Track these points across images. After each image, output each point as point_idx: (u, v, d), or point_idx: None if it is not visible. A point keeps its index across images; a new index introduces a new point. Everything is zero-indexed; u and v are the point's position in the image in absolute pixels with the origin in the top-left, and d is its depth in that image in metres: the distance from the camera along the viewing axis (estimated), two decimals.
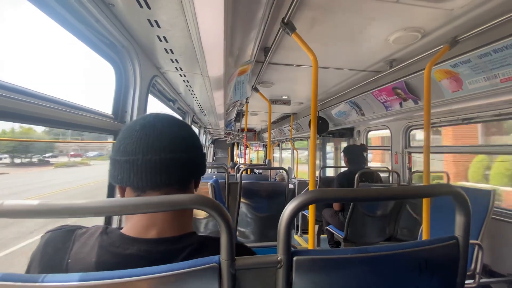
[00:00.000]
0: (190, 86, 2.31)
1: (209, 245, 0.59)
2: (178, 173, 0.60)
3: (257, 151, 12.45)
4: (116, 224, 1.35)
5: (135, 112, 1.47)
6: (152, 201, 0.45)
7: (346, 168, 2.97)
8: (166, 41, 1.34)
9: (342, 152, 3.08)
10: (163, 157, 0.58)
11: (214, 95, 2.56)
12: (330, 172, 5.51)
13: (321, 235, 3.66)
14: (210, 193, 1.64)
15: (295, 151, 6.58)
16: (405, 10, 1.51)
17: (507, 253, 2.09)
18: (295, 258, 0.52)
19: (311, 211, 1.59)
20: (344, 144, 5.03)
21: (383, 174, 3.43)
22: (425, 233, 1.69)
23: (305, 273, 0.52)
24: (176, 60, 1.62)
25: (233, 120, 6.26)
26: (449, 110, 2.36)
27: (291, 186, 3.41)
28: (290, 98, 4.13)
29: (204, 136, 6.21)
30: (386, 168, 3.44)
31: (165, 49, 1.45)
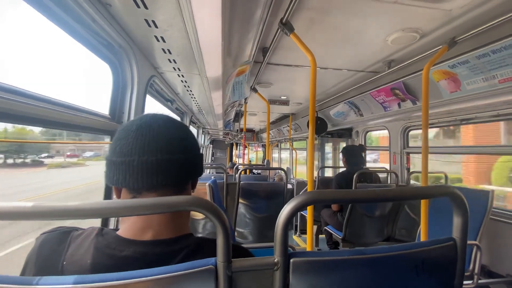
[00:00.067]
0: (188, 87, 2.30)
1: (206, 247, 0.59)
2: (175, 174, 0.59)
3: (256, 151, 12.42)
4: (113, 225, 1.34)
5: (132, 113, 1.47)
6: (147, 203, 0.44)
7: (345, 169, 2.98)
8: (164, 41, 1.33)
9: (341, 153, 3.08)
10: (159, 158, 0.57)
11: (212, 95, 2.56)
12: (329, 173, 5.50)
13: (320, 235, 3.66)
14: (208, 193, 1.63)
15: (293, 151, 6.58)
16: (403, 10, 1.51)
17: (506, 254, 2.10)
18: (292, 260, 0.52)
19: (309, 212, 1.59)
20: (342, 144, 5.04)
21: (381, 175, 3.44)
22: (423, 233, 1.69)
23: (302, 275, 0.52)
24: (174, 60, 1.62)
25: (231, 120, 6.26)
26: (447, 111, 2.36)
27: (289, 186, 3.42)
28: (288, 98, 4.13)
29: (203, 136, 6.20)
30: (384, 169, 3.44)
31: (162, 49, 1.45)
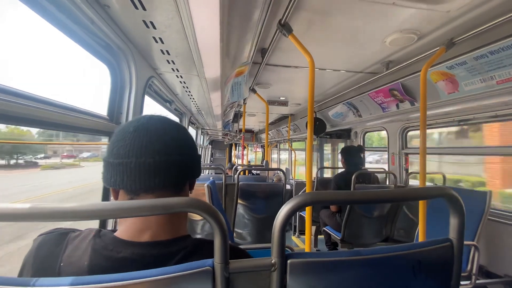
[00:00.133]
0: (187, 87, 2.30)
1: (204, 248, 0.59)
2: (172, 175, 0.60)
3: (255, 152, 12.37)
4: (111, 226, 1.34)
5: (130, 113, 1.46)
6: (145, 205, 0.44)
7: (344, 169, 2.98)
8: (162, 42, 1.33)
9: (340, 153, 3.08)
10: (157, 160, 0.57)
11: (211, 96, 2.56)
12: (328, 173, 5.51)
13: (319, 236, 3.66)
14: (206, 194, 1.63)
15: (292, 152, 6.58)
16: (401, 12, 1.51)
17: (504, 254, 2.10)
18: (289, 261, 0.52)
19: (307, 212, 1.59)
20: (341, 145, 5.04)
21: (380, 175, 3.45)
22: (421, 234, 1.70)
23: (299, 276, 0.52)
24: (172, 61, 1.62)
25: (230, 121, 6.26)
26: (445, 112, 2.37)
27: (288, 187, 3.41)
28: (287, 99, 4.13)
29: (202, 137, 6.20)
30: (383, 169, 3.45)
31: (161, 50, 1.45)
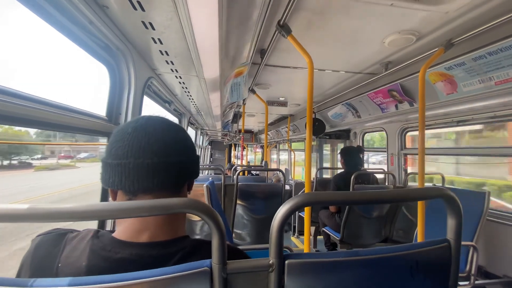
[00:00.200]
0: (186, 88, 2.30)
1: (202, 249, 0.59)
2: (170, 176, 0.60)
3: (254, 153, 12.33)
4: (110, 227, 1.34)
5: (129, 114, 1.46)
6: (143, 205, 0.44)
7: (343, 170, 2.98)
8: (161, 43, 1.33)
9: (339, 154, 3.09)
10: (155, 161, 0.57)
11: (210, 96, 2.56)
12: (328, 174, 5.51)
13: (318, 237, 3.66)
14: (205, 195, 1.63)
15: (292, 152, 6.58)
16: (400, 13, 1.51)
17: (502, 255, 2.10)
18: (287, 262, 0.52)
19: (306, 213, 1.59)
20: (340, 145, 5.05)
21: (379, 176, 3.45)
22: (420, 235, 1.70)
23: (297, 276, 0.52)
24: (171, 61, 1.62)
25: (230, 121, 6.25)
26: (444, 112, 2.37)
27: (287, 187, 3.41)
28: (287, 99, 4.13)
29: (201, 137, 6.20)
30: (382, 170, 3.45)
31: (160, 51, 1.45)
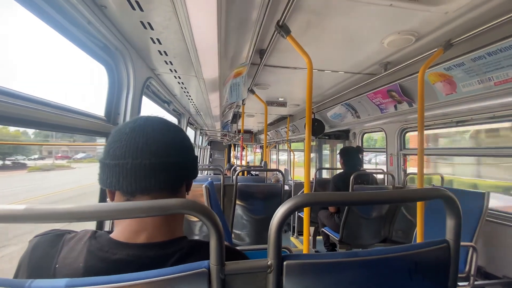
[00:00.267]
0: (185, 88, 2.30)
1: (200, 249, 0.59)
2: (169, 177, 0.59)
3: (254, 153, 12.31)
4: (109, 227, 1.33)
5: (128, 114, 1.46)
6: (140, 206, 0.44)
7: (342, 170, 2.98)
8: (160, 43, 1.33)
9: (338, 154, 3.09)
10: (153, 161, 0.57)
11: (209, 97, 2.56)
12: (327, 174, 5.51)
13: (317, 237, 3.66)
14: (204, 195, 1.63)
15: (291, 152, 6.58)
16: (399, 13, 1.51)
17: (502, 255, 2.10)
18: (285, 263, 0.52)
19: (305, 213, 1.58)
20: (340, 146, 5.05)
21: (378, 176, 3.45)
22: (419, 235, 1.70)
23: (295, 277, 0.52)
24: (170, 62, 1.61)
25: (229, 121, 6.26)
26: (443, 113, 2.37)
27: (287, 187, 3.41)
28: (286, 100, 4.13)
29: (201, 137, 6.20)
30: (381, 170, 3.45)
31: (159, 51, 1.45)
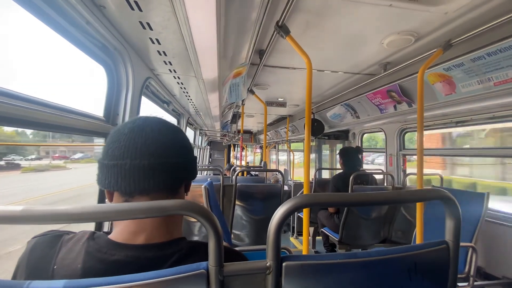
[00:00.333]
0: (184, 88, 2.30)
1: (199, 250, 0.58)
2: (167, 178, 0.59)
3: (254, 153, 12.28)
4: (108, 228, 1.33)
5: (127, 114, 1.46)
6: (139, 207, 0.44)
7: (342, 170, 2.98)
8: (159, 43, 1.33)
9: (338, 154, 3.08)
10: (152, 162, 0.57)
11: (209, 97, 2.56)
12: (327, 174, 5.50)
13: (317, 237, 3.66)
14: (203, 196, 1.62)
15: (291, 153, 6.58)
16: (398, 13, 1.51)
17: (502, 256, 2.10)
18: (284, 264, 0.51)
19: (305, 214, 1.58)
20: (339, 146, 5.05)
21: (378, 176, 3.45)
22: (418, 236, 1.69)
23: (294, 278, 0.52)
24: (169, 62, 1.61)
25: (229, 121, 6.26)
26: (442, 113, 2.37)
27: (286, 188, 3.41)
28: (285, 100, 4.13)
29: (200, 137, 6.19)
30: (380, 171, 3.45)
31: (158, 51, 1.44)
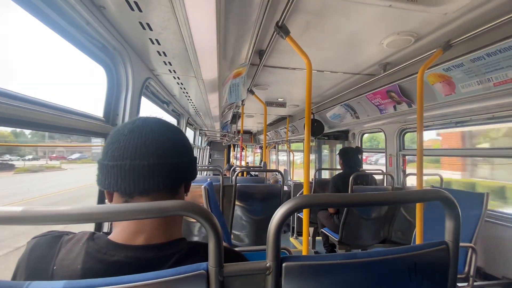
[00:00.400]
0: (184, 89, 2.30)
1: (199, 251, 0.58)
2: (167, 178, 0.59)
3: (254, 153, 12.27)
4: (107, 228, 1.33)
5: (127, 115, 1.46)
6: (139, 208, 0.44)
7: (342, 170, 2.98)
8: (159, 43, 1.33)
9: (338, 155, 3.08)
10: (151, 162, 0.57)
11: (209, 97, 2.56)
12: (326, 174, 5.50)
13: (317, 238, 3.65)
14: (203, 196, 1.62)
15: (291, 153, 6.58)
16: (398, 14, 1.51)
17: (502, 256, 2.10)
18: (284, 264, 0.51)
19: (305, 214, 1.58)
20: (339, 146, 5.05)
21: (378, 176, 3.45)
22: (418, 236, 1.69)
23: (294, 279, 0.52)
24: (169, 62, 1.61)
25: (229, 122, 6.25)
26: (442, 114, 2.37)
27: (286, 188, 3.41)
28: (285, 100, 4.13)
29: (200, 138, 6.19)
30: (380, 171, 3.45)
31: (157, 52, 1.44)
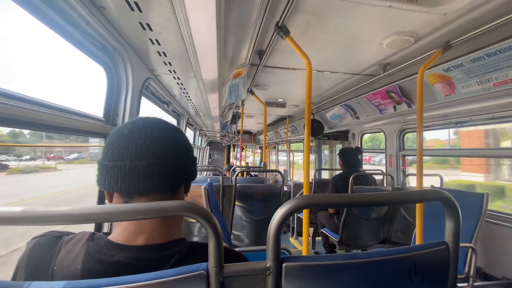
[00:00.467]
0: (184, 89, 2.30)
1: (199, 251, 0.58)
2: (167, 178, 0.59)
3: (253, 153, 12.27)
4: (107, 229, 1.33)
5: (127, 115, 1.46)
6: (138, 208, 0.44)
7: (342, 171, 2.98)
8: (159, 44, 1.33)
9: (338, 155, 3.08)
10: (151, 162, 0.57)
11: (209, 97, 2.56)
12: (326, 174, 5.50)
13: (317, 238, 3.66)
14: (203, 196, 1.62)
15: (291, 153, 6.59)
16: (398, 14, 1.51)
17: (501, 256, 2.10)
18: (284, 265, 0.51)
19: (305, 215, 1.58)
20: (339, 146, 5.05)
21: (377, 176, 3.45)
22: (418, 236, 1.69)
23: (294, 279, 0.52)
24: (169, 63, 1.61)
25: (229, 122, 6.25)
26: (442, 114, 2.37)
27: (286, 188, 3.41)
28: (285, 100, 4.13)
29: (200, 138, 6.19)
30: (380, 171, 3.45)
31: (157, 52, 1.44)
